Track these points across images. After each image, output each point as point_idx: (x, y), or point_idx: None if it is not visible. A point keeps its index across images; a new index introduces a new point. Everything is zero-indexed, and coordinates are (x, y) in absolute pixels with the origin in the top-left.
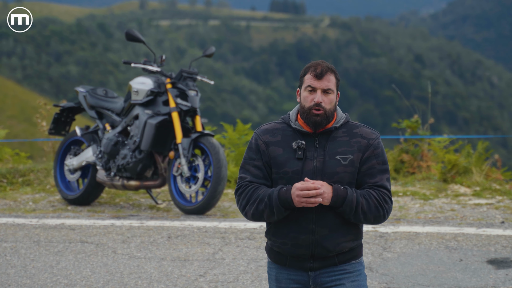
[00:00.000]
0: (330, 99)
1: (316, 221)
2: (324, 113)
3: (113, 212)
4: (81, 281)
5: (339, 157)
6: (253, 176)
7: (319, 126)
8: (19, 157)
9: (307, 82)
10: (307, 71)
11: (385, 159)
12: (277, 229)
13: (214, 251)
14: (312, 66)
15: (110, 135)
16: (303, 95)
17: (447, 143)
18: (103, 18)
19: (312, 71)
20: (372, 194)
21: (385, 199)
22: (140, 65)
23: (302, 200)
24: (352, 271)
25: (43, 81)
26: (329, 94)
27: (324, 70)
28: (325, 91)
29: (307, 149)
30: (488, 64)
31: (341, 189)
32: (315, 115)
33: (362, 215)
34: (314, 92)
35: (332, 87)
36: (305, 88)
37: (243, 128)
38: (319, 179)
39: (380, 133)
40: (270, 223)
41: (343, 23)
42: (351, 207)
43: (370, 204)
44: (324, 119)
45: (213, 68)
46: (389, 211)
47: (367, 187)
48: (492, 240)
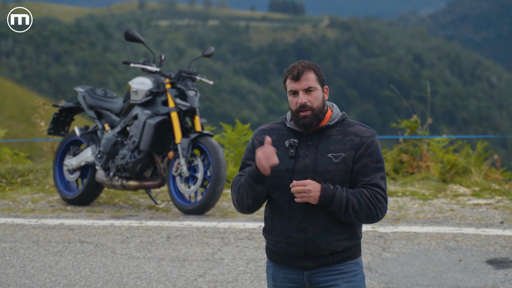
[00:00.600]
0: (315, 96)
1: (308, 219)
2: (312, 112)
3: (112, 212)
4: (80, 281)
5: (331, 155)
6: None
7: (310, 126)
8: (18, 157)
9: (289, 86)
10: (286, 75)
11: (380, 157)
12: (272, 227)
13: (213, 251)
14: (290, 69)
15: (109, 135)
16: (289, 100)
17: (446, 143)
18: (102, 18)
19: (289, 75)
20: (363, 193)
21: (377, 198)
22: (139, 65)
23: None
24: (347, 271)
25: (42, 81)
26: (312, 92)
27: (300, 71)
28: (307, 90)
29: (300, 148)
30: (487, 64)
31: (330, 188)
32: (303, 117)
33: (353, 214)
34: (296, 94)
35: (313, 84)
36: (289, 92)
37: (242, 128)
38: (310, 177)
39: (379, 133)
40: (267, 221)
41: (342, 23)
42: (340, 206)
43: (362, 203)
44: (313, 118)
45: (212, 68)
46: (383, 210)
47: (360, 186)
48: (491, 240)
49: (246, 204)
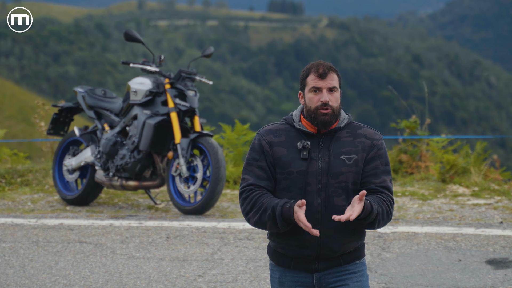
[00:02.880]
0: (336, 97)
1: (321, 221)
2: (332, 111)
3: (112, 213)
4: (80, 281)
5: (343, 157)
6: (257, 177)
7: (328, 124)
8: (18, 157)
9: (311, 83)
10: (309, 72)
11: (388, 160)
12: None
13: (213, 251)
14: (314, 66)
15: (109, 135)
16: (308, 97)
17: (445, 143)
18: (101, 18)
19: (315, 72)
20: (383, 201)
21: (391, 203)
22: (139, 65)
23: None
24: (356, 271)
25: (41, 81)
26: (334, 92)
27: (326, 69)
28: (330, 89)
29: (312, 150)
30: (486, 64)
31: (368, 204)
32: (323, 114)
33: (377, 223)
34: (319, 92)
35: (336, 85)
36: (310, 89)
37: (242, 128)
38: (324, 180)
39: None
40: None
41: (341, 23)
42: (372, 218)
43: (384, 211)
44: (332, 117)
45: (211, 68)
46: (393, 213)
47: (373, 188)
48: (491, 240)
49: (266, 228)
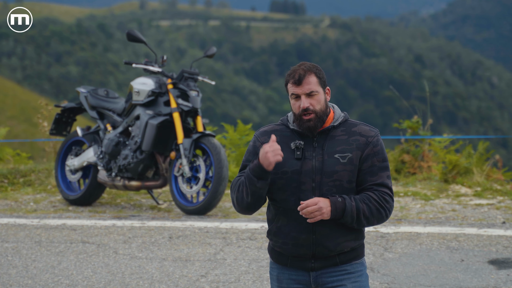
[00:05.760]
0: (317, 99)
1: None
2: (316, 115)
3: (114, 213)
4: (82, 281)
5: (337, 155)
6: None
7: (314, 129)
8: (20, 158)
9: (290, 90)
10: (288, 79)
11: (385, 156)
12: (278, 229)
13: (216, 252)
14: (291, 73)
15: (111, 136)
16: (291, 103)
17: (447, 143)
18: (103, 19)
19: (291, 79)
20: (371, 197)
21: (385, 199)
22: (141, 65)
23: (269, 156)
24: (354, 271)
25: (43, 81)
26: (314, 96)
27: (301, 74)
28: (309, 94)
29: (306, 149)
30: (488, 65)
31: (338, 201)
32: (307, 121)
33: (364, 220)
34: (298, 98)
35: (315, 88)
36: (291, 96)
37: (244, 129)
38: (318, 179)
39: (380, 134)
40: (272, 223)
41: (343, 23)
42: (352, 216)
43: (371, 207)
44: (317, 121)
45: (213, 68)
46: (391, 210)
47: (368, 186)
48: (493, 241)
49: (246, 202)
